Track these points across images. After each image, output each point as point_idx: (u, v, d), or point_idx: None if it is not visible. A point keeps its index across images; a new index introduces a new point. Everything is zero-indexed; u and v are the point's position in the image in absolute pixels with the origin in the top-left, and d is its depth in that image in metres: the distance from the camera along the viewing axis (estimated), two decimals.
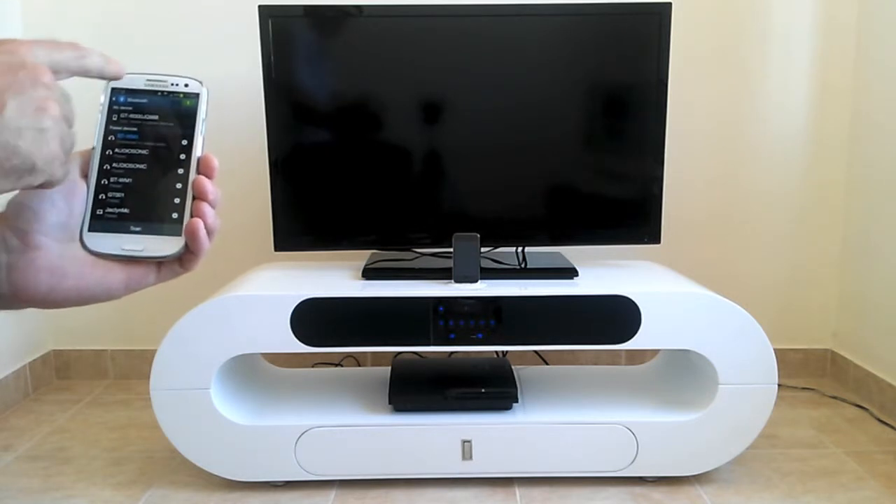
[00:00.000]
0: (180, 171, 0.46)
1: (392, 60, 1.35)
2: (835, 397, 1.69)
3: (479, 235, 1.30)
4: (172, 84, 0.47)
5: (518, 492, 1.26)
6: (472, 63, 1.35)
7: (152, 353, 1.23)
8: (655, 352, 1.62)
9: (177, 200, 0.46)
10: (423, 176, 1.38)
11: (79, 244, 0.44)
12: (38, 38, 0.41)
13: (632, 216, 1.40)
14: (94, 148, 0.46)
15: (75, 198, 0.44)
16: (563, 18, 1.35)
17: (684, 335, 1.23)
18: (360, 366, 1.81)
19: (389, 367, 1.46)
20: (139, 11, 1.71)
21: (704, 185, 1.77)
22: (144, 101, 0.47)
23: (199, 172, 0.47)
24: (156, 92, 0.47)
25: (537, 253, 1.48)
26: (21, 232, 0.42)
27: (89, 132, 0.48)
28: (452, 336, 1.23)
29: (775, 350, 1.26)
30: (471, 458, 1.26)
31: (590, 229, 1.41)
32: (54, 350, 1.83)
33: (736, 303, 1.23)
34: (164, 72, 0.49)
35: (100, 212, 0.45)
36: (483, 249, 1.43)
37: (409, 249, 1.48)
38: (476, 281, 1.29)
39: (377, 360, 1.83)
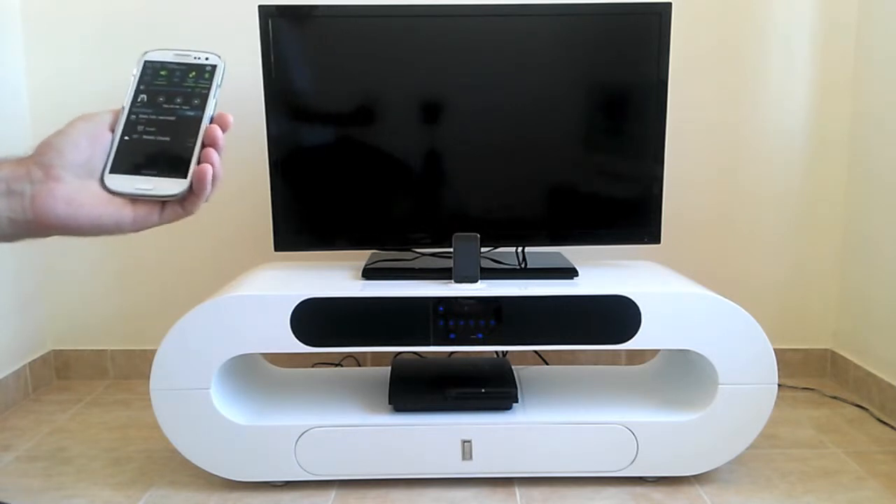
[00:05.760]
0: (193, 125, 0.54)
1: (392, 60, 1.35)
2: (835, 397, 1.69)
3: (479, 235, 1.30)
4: (195, 57, 0.56)
5: (518, 492, 1.26)
6: (472, 63, 1.35)
7: (152, 353, 1.23)
8: (655, 352, 1.62)
9: (187, 150, 0.53)
10: (424, 176, 1.38)
11: (96, 182, 0.51)
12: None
13: (632, 216, 1.40)
14: (123, 108, 0.54)
15: (98, 144, 0.52)
16: (564, 18, 1.35)
17: (684, 335, 1.23)
18: (360, 366, 1.81)
19: (389, 367, 1.46)
20: (138, 12, 1.71)
21: (704, 185, 1.77)
22: (171, 70, 0.56)
23: (212, 123, 0.54)
24: (181, 63, 0.56)
25: (537, 253, 1.48)
26: (45, 166, 0.50)
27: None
28: (452, 336, 1.23)
29: (775, 350, 1.26)
30: (471, 458, 1.26)
31: (590, 229, 1.41)
32: (54, 350, 1.83)
33: (736, 303, 1.23)
34: (190, 48, 0.57)
35: (121, 158, 0.52)
36: (483, 249, 1.43)
37: (409, 249, 1.48)
38: (476, 281, 1.29)
39: (377, 360, 1.83)
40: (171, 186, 0.52)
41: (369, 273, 1.34)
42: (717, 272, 1.79)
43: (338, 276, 1.35)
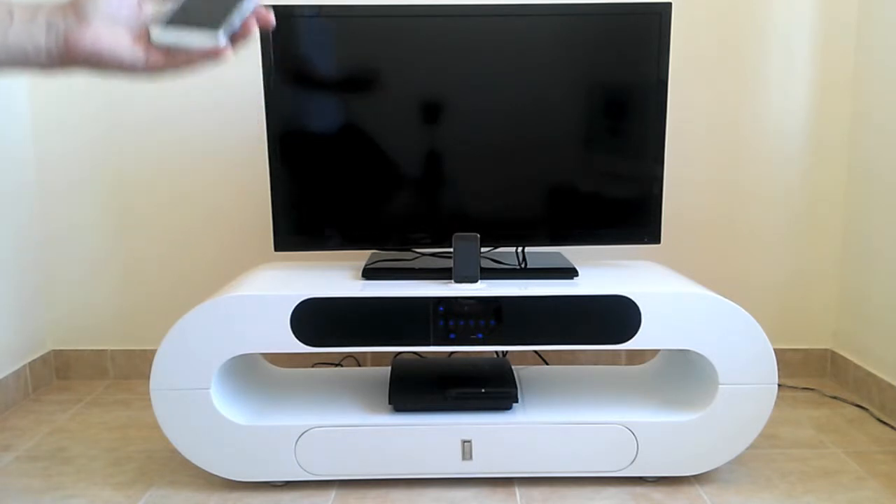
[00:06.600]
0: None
1: (392, 60, 1.35)
2: (835, 397, 1.69)
3: (479, 235, 1.30)
4: None
5: (518, 492, 1.26)
6: (472, 63, 1.35)
7: (152, 353, 1.23)
8: (655, 352, 1.62)
9: (226, 10, 0.63)
10: (424, 176, 1.38)
11: (119, 28, 0.61)
12: None
13: (632, 216, 1.40)
14: None
15: (132, 9, 0.62)
16: (564, 18, 1.35)
17: (684, 335, 1.23)
18: (360, 366, 1.81)
19: (389, 367, 1.46)
20: None
21: (704, 185, 1.77)
22: None
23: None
24: None
25: (537, 253, 1.48)
26: (80, 11, 0.60)
27: None
28: (452, 336, 1.23)
29: (775, 350, 1.26)
30: (471, 458, 1.26)
31: (590, 229, 1.41)
32: (54, 350, 1.83)
33: (736, 303, 1.23)
34: None
35: (169, 16, 0.62)
36: (483, 249, 1.43)
37: (409, 249, 1.48)
38: (476, 281, 1.29)
39: (377, 360, 1.84)
40: (206, 39, 0.61)
41: (369, 273, 1.34)
42: (717, 272, 1.79)
43: (338, 276, 1.35)
